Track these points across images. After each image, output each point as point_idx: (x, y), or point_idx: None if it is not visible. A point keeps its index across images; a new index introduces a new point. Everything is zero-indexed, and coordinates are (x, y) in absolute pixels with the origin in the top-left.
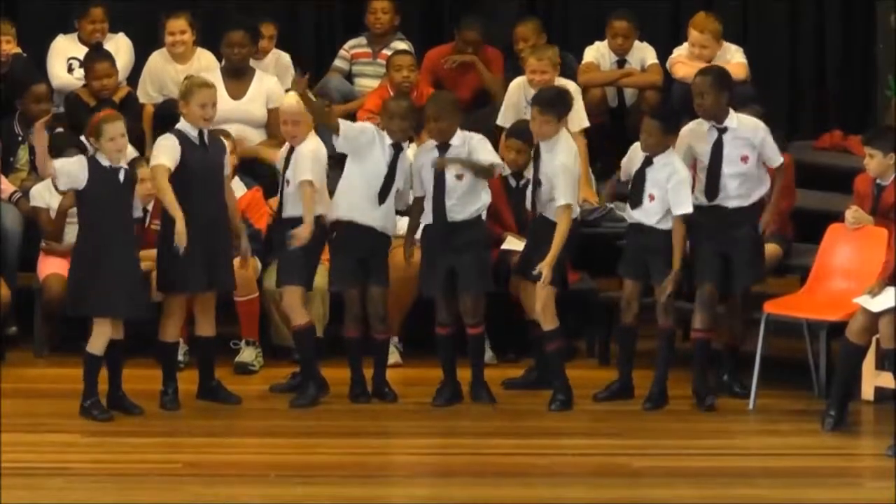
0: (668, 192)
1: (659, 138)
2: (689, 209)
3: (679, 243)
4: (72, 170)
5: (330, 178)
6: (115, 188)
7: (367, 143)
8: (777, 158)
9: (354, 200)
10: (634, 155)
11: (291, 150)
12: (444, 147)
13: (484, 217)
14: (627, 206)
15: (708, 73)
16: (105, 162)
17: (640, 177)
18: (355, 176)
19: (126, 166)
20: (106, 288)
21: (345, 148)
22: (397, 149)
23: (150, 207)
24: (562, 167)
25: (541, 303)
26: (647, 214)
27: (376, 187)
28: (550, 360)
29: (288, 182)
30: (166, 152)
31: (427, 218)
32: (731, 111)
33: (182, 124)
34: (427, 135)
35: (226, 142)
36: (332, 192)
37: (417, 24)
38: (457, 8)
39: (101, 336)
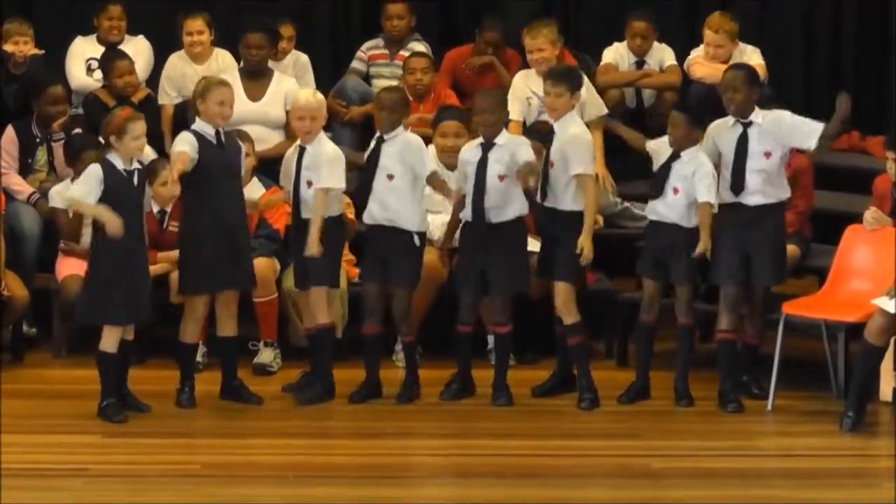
0: (693, 184)
1: (685, 131)
2: (709, 199)
3: (706, 224)
4: (90, 187)
5: (349, 181)
6: (129, 193)
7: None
8: (813, 133)
9: (370, 203)
10: (664, 146)
11: (301, 150)
12: (489, 146)
13: (524, 219)
14: (649, 200)
15: (740, 69)
16: (120, 165)
17: (665, 169)
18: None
19: (140, 166)
20: (117, 295)
21: None
22: (378, 141)
23: (168, 209)
24: (572, 136)
25: (560, 298)
26: (670, 208)
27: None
28: (574, 355)
29: (310, 184)
30: (186, 142)
31: (465, 215)
32: (757, 108)
33: (198, 124)
34: (476, 129)
35: (243, 144)
36: (349, 194)
37: (435, 25)
38: (473, 9)
39: (113, 333)
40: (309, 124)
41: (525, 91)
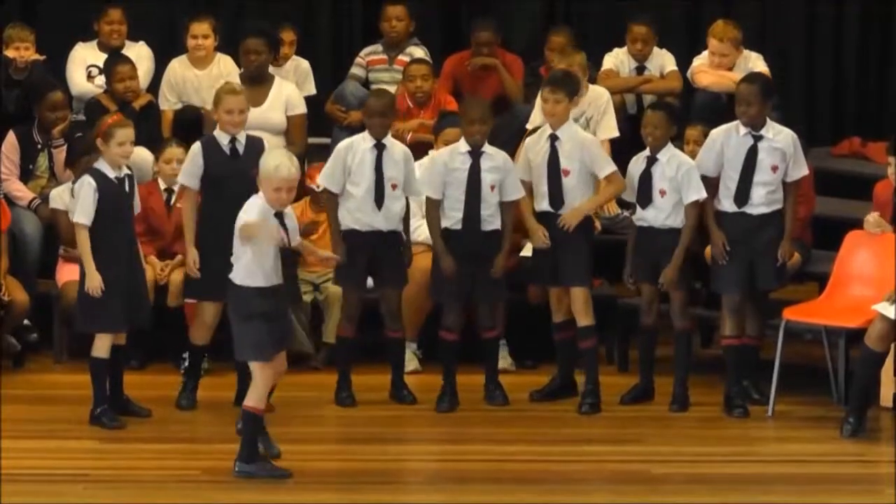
0: (679, 182)
1: (666, 129)
2: (703, 194)
3: (689, 230)
4: (87, 208)
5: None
6: (121, 200)
7: (350, 164)
8: (800, 173)
9: (353, 209)
10: (634, 166)
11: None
12: (477, 153)
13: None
14: (637, 207)
15: (754, 82)
16: (110, 173)
17: (646, 177)
18: (350, 186)
19: (129, 173)
20: (114, 303)
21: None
22: (379, 148)
23: (175, 187)
24: (591, 141)
25: (579, 302)
26: (659, 211)
27: (372, 193)
28: (584, 357)
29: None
30: (185, 171)
31: (451, 223)
32: (768, 120)
33: (217, 131)
34: (465, 137)
35: None
36: None
37: (436, 29)
38: (475, 13)
39: (105, 339)
40: (286, 197)
41: None
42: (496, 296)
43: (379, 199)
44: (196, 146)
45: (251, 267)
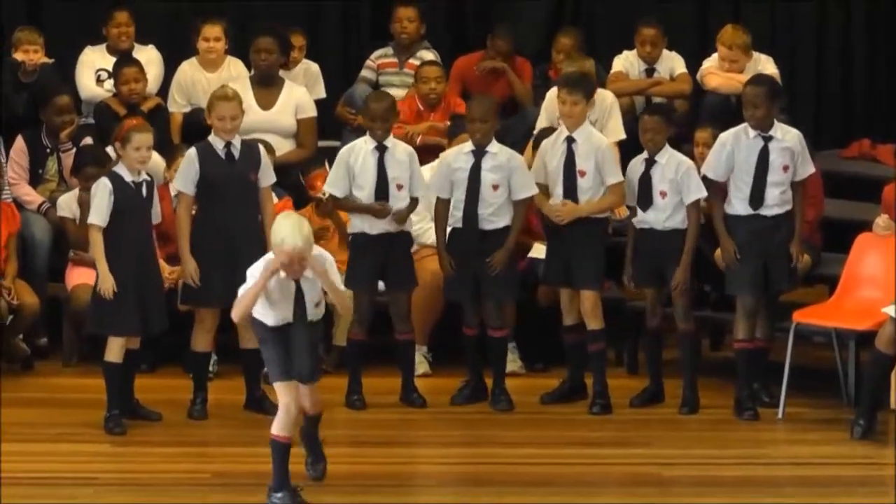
0: (679, 183)
1: (664, 132)
2: (703, 193)
3: (694, 230)
4: (102, 209)
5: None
6: (137, 204)
7: (353, 167)
8: (807, 171)
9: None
10: (632, 170)
11: None
12: (481, 152)
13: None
14: (638, 209)
15: (760, 84)
16: (128, 176)
17: (645, 180)
18: (355, 190)
19: (148, 178)
20: (127, 306)
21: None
22: (381, 150)
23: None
24: (606, 145)
25: (588, 304)
26: (659, 213)
27: (375, 194)
28: (593, 361)
29: None
30: (181, 176)
31: (453, 221)
32: (776, 122)
33: (211, 136)
34: (469, 136)
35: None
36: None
37: (443, 32)
38: (482, 16)
39: (117, 344)
40: (297, 268)
41: (556, 110)
42: (502, 295)
43: (383, 200)
44: (192, 151)
45: (261, 308)
